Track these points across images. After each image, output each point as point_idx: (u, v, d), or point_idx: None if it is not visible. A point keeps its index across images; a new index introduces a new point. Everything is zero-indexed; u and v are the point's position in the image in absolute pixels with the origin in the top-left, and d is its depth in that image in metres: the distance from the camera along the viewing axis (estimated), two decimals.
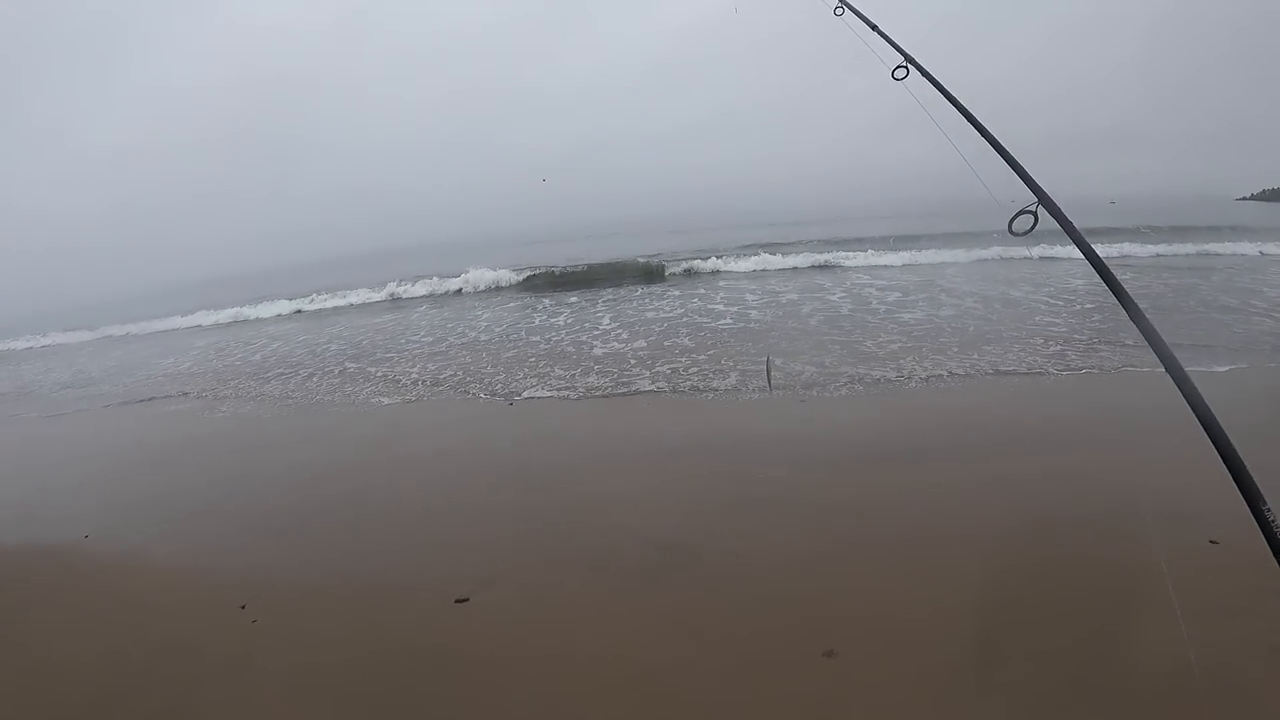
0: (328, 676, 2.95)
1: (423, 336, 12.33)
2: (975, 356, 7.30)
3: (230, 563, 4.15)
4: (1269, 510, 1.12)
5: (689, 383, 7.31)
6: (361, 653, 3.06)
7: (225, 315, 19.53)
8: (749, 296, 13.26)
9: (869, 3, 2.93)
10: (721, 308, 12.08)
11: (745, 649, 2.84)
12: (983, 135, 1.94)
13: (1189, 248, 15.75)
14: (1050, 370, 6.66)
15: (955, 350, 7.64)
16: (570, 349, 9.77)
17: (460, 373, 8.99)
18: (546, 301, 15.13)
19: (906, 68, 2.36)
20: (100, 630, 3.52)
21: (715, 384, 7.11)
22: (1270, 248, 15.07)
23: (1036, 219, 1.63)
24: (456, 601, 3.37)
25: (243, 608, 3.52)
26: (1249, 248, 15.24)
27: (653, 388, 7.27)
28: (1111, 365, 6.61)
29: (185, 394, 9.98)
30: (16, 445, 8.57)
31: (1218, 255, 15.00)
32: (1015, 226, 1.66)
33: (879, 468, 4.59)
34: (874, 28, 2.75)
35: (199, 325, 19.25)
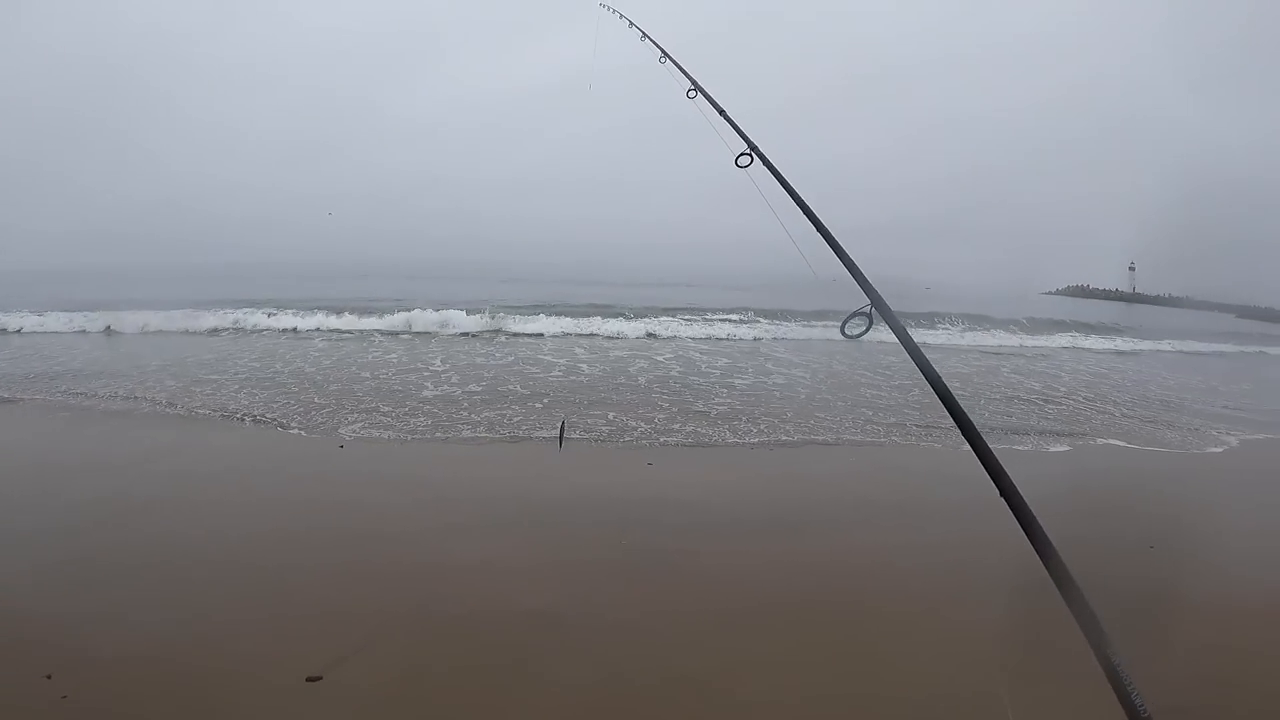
0: None
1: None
2: (810, 423, 7.81)
3: (27, 622, 3.34)
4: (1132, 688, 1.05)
5: (537, 432, 7.04)
6: None
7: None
8: (578, 351, 13.32)
9: (721, 88, 3.03)
10: (550, 359, 12.06)
11: None
12: (820, 232, 1.93)
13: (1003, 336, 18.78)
14: (888, 439, 7.33)
15: (790, 415, 8.14)
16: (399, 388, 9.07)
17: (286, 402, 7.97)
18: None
19: (750, 155, 2.38)
20: None
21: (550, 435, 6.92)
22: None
23: (871, 322, 1.59)
24: (308, 680, 2.86)
25: (48, 677, 2.81)
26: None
27: (493, 435, 6.91)
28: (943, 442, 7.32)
29: None
30: None
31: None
32: (848, 329, 1.61)
33: (748, 535, 4.62)
34: (722, 113, 2.80)
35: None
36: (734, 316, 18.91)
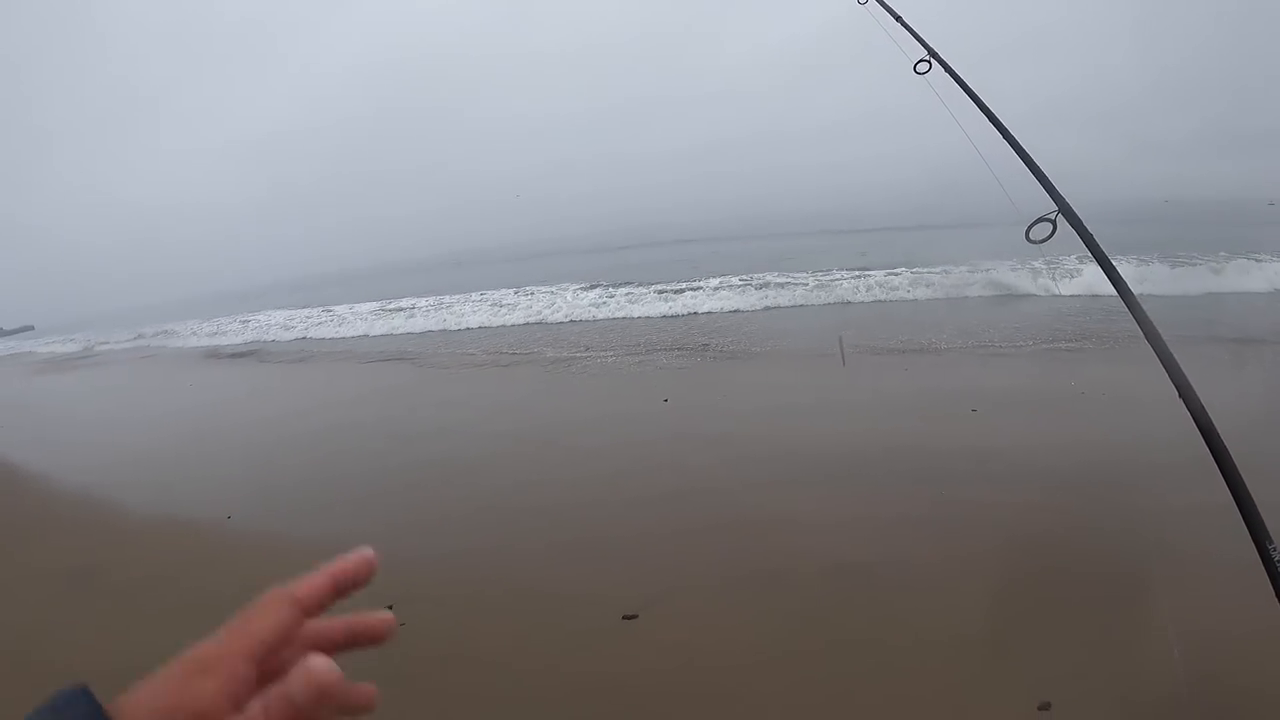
0: (487, 693, 2.79)
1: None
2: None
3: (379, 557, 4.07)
4: (1275, 548, 1.06)
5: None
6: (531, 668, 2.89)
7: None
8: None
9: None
10: None
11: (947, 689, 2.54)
12: (1004, 136, 1.85)
13: None
14: None
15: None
16: None
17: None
18: None
19: (929, 61, 2.27)
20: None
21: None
22: None
23: (1055, 228, 1.55)
24: (624, 618, 3.14)
25: (389, 608, 3.35)
26: None
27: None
28: None
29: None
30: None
31: None
32: (1033, 234, 1.58)
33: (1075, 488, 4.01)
34: (899, 19, 2.65)
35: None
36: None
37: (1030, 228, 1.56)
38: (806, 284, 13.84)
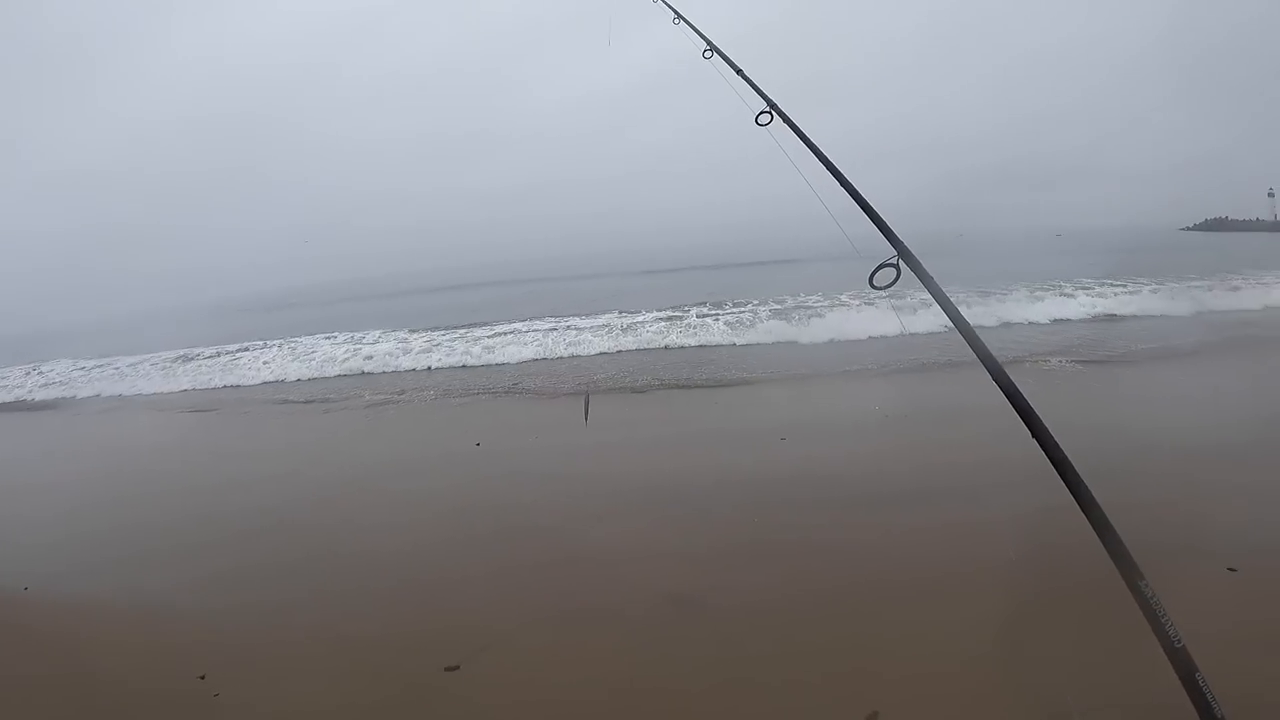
0: None
1: None
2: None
3: (183, 623, 3.66)
4: (1145, 585, 1.06)
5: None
6: None
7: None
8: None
9: (735, 51, 2.95)
10: None
11: (781, 708, 2.60)
12: (843, 185, 1.91)
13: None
14: None
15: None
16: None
17: None
18: None
19: (770, 113, 2.35)
20: (40, 700, 3.11)
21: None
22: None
23: (899, 272, 1.58)
24: (446, 670, 2.97)
25: (202, 678, 3.03)
26: None
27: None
28: None
29: None
30: None
31: None
32: (877, 280, 1.60)
33: (873, 509, 4.32)
34: (739, 72, 2.75)
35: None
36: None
37: (874, 274, 1.59)
38: (615, 325, 13.55)
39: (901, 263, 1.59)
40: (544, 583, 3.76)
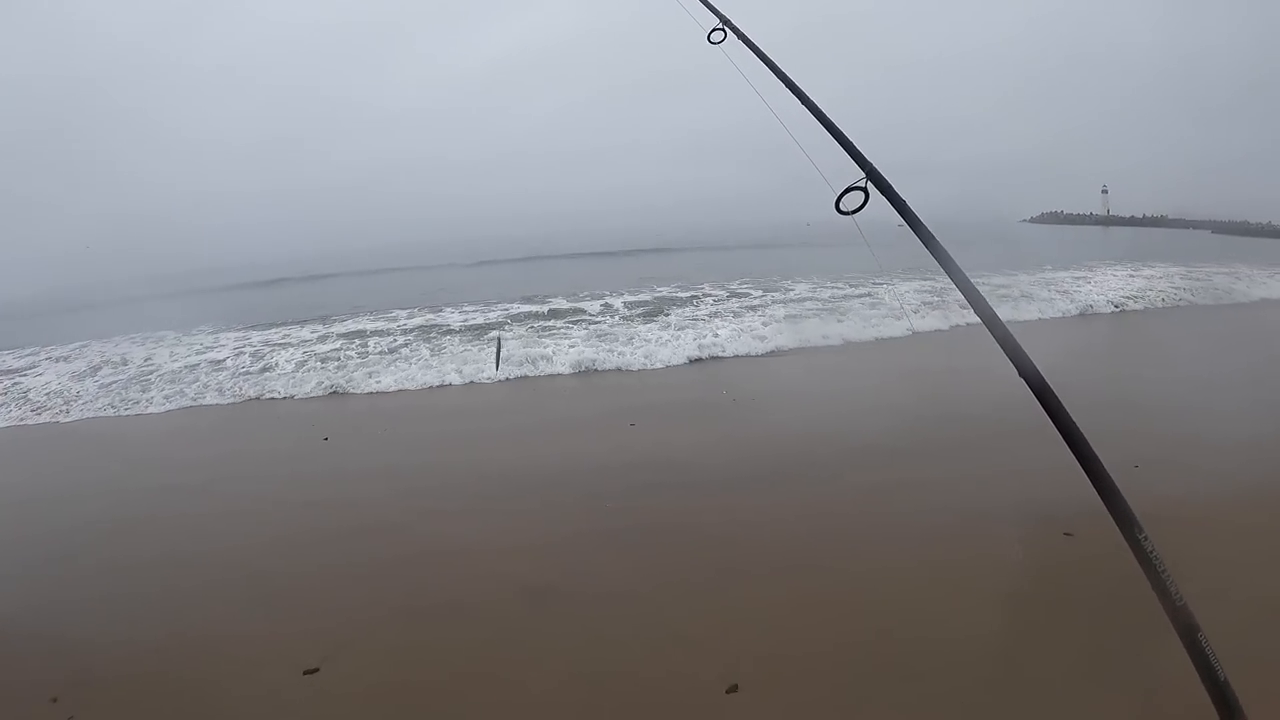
0: None
1: None
2: None
3: (31, 641, 3.33)
4: (1144, 536, 0.91)
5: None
6: None
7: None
8: None
9: None
10: None
11: (644, 690, 2.58)
12: (803, 103, 1.69)
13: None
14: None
15: None
16: None
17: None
18: None
19: (724, 30, 2.09)
20: None
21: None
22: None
23: (867, 195, 1.38)
24: (305, 673, 2.84)
25: (54, 700, 2.81)
26: None
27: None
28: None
29: None
30: None
31: None
32: (844, 204, 1.40)
33: (742, 489, 4.37)
34: None
35: None
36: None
37: (840, 198, 1.38)
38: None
39: (869, 185, 1.39)
40: (397, 580, 3.63)
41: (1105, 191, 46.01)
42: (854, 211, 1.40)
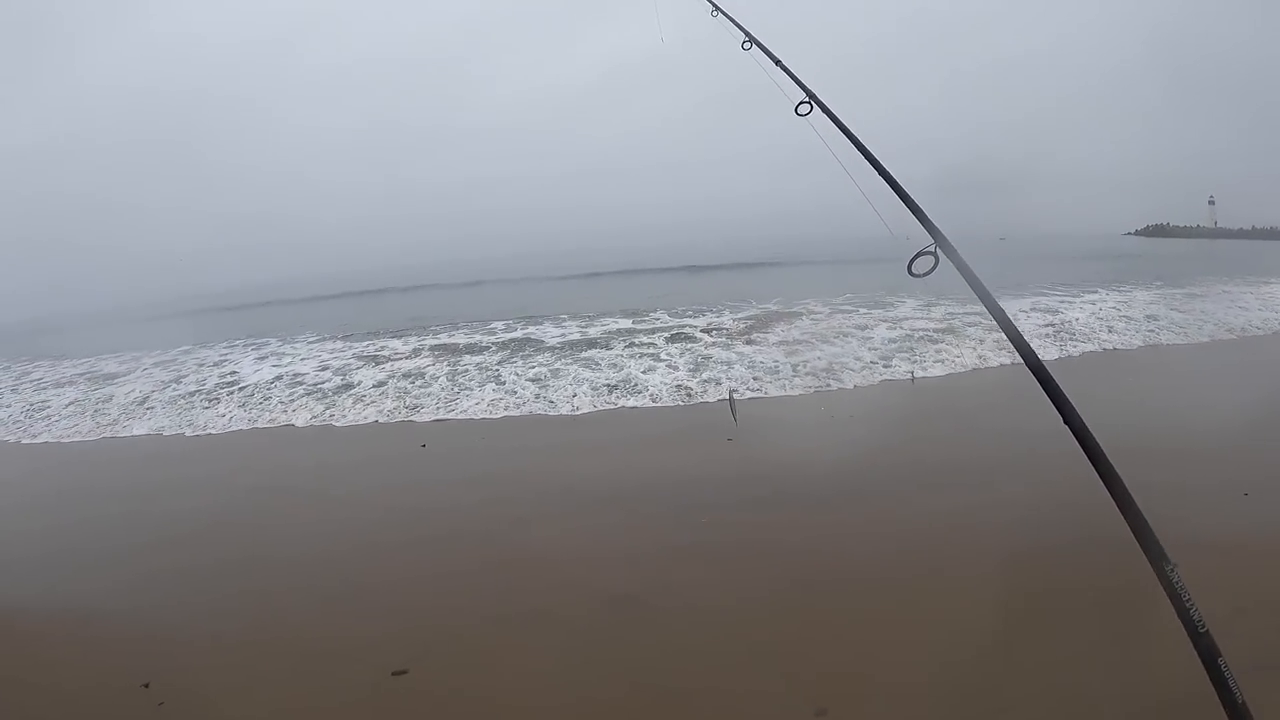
0: None
1: None
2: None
3: (127, 629, 3.55)
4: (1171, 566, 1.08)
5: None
6: None
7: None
8: None
9: (774, 42, 2.96)
10: None
11: (728, 710, 2.61)
12: (880, 174, 1.93)
13: None
14: None
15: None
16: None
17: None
18: None
19: (810, 104, 2.36)
20: None
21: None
22: None
23: (937, 260, 1.60)
24: (394, 674, 2.96)
25: (146, 686, 2.97)
26: None
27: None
28: None
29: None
30: None
31: None
32: (915, 268, 1.62)
33: (827, 506, 4.37)
34: (778, 63, 2.77)
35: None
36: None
37: (912, 262, 1.60)
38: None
39: (939, 250, 1.60)
40: (485, 586, 3.76)
41: (1212, 203, 42.44)
42: (926, 274, 1.61)
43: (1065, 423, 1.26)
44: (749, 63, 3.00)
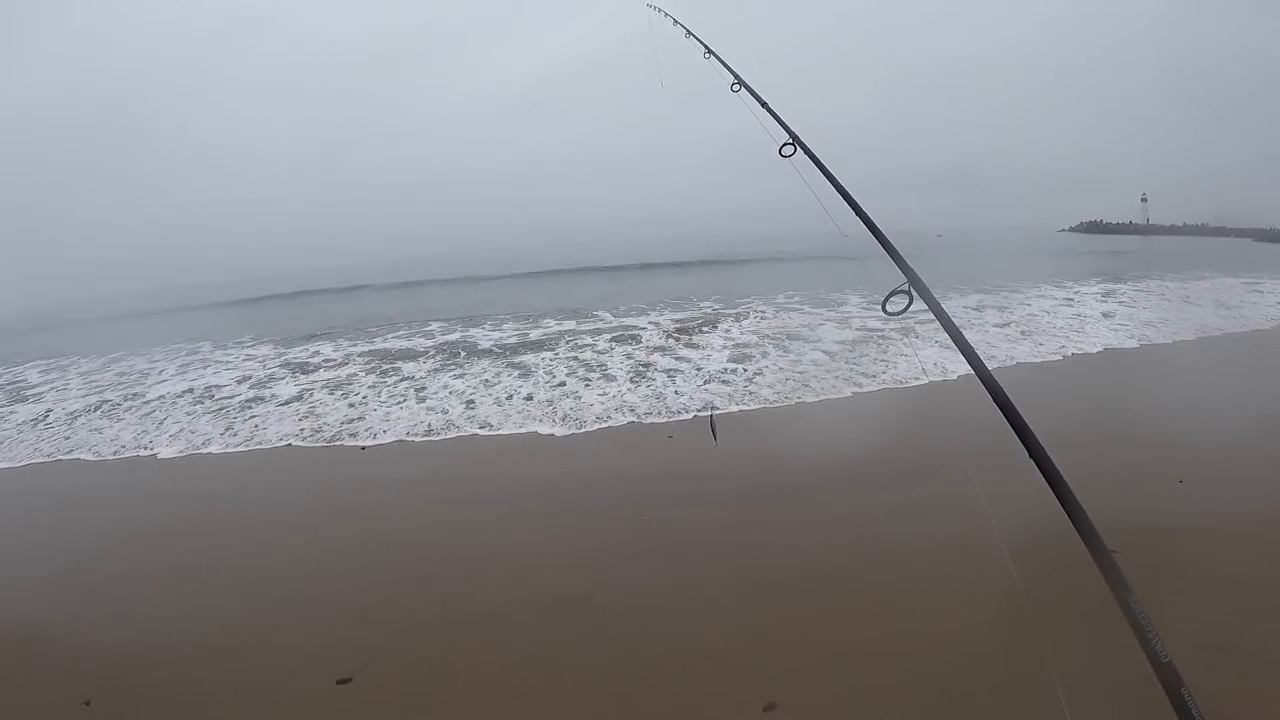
0: None
1: None
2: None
3: (68, 646, 3.51)
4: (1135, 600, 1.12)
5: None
6: None
7: None
8: None
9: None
10: None
11: (679, 706, 2.65)
12: (858, 215, 2.01)
13: None
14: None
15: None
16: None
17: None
18: None
19: (793, 145, 2.47)
20: None
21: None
22: None
23: (911, 299, 1.67)
24: (338, 682, 2.95)
25: (87, 704, 2.95)
26: None
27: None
28: None
29: None
30: None
31: None
32: (889, 306, 1.69)
33: (772, 504, 4.47)
34: (765, 106, 2.89)
35: None
36: None
37: (885, 301, 1.67)
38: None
39: (912, 290, 1.68)
40: (431, 588, 3.74)
41: (1145, 200, 43.60)
42: (900, 312, 1.68)
43: (1030, 456, 1.31)
44: (737, 102, 3.16)
